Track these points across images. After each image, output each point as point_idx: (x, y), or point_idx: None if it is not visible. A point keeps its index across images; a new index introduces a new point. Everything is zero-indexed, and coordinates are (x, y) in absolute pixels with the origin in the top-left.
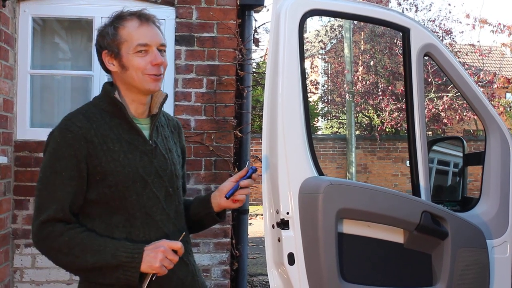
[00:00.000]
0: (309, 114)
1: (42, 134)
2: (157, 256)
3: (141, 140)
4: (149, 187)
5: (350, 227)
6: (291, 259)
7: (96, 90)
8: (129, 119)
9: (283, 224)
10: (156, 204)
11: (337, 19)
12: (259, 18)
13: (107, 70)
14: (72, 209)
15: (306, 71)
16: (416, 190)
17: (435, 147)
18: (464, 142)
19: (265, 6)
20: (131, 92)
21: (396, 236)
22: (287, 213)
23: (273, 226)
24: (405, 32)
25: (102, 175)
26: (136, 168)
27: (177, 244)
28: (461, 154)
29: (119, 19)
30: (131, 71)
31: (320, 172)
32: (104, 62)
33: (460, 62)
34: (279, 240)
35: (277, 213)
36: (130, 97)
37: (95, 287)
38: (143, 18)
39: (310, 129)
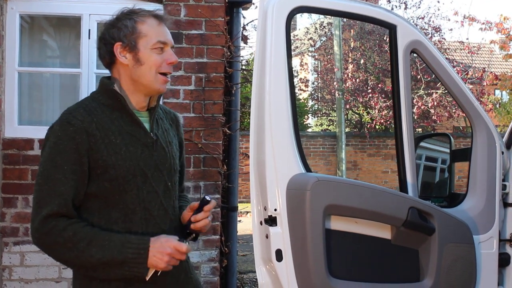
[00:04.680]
0: (296, 111)
1: (30, 132)
2: (163, 259)
3: (142, 133)
4: (148, 181)
5: (338, 223)
6: (279, 255)
7: (84, 88)
8: (130, 111)
9: (271, 221)
10: (154, 199)
11: (327, 16)
12: (248, 15)
13: (108, 64)
14: (74, 203)
15: (296, 68)
16: (403, 186)
17: (422, 144)
18: (451, 138)
19: (254, 3)
20: (135, 86)
21: (383, 232)
22: (275, 210)
23: (261, 223)
24: (391, 29)
25: (103, 169)
26: (137, 161)
27: (183, 247)
28: (448, 151)
29: (135, 14)
30: (145, 67)
31: (307, 168)
32: (115, 54)
33: (447, 59)
34: (267, 237)
35: (265, 210)
36: (132, 88)
37: (91, 282)
38: (160, 18)
39: (297, 126)
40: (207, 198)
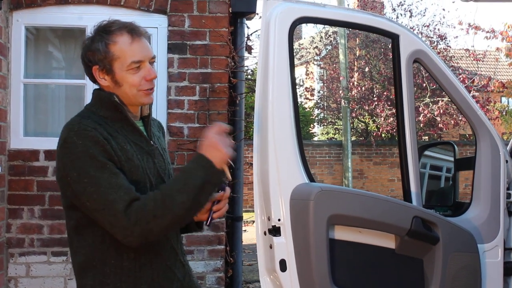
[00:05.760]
0: (299, 120)
1: (35, 143)
2: (222, 151)
3: (144, 141)
4: (153, 189)
5: (342, 233)
6: (283, 265)
7: (89, 99)
8: (131, 121)
9: (275, 231)
10: None
11: None
12: (252, 25)
13: (95, 81)
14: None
15: (302, 77)
16: (407, 196)
17: (426, 152)
18: (455, 147)
19: (257, 14)
20: (123, 100)
21: (387, 241)
22: (279, 220)
23: (264, 233)
24: (394, 39)
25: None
26: (145, 169)
27: (222, 126)
28: (452, 159)
29: (108, 34)
30: (125, 88)
31: (311, 178)
32: (94, 77)
33: (452, 66)
34: (271, 247)
35: (269, 220)
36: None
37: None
38: (134, 33)
39: (300, 136)
40: (223, 184)
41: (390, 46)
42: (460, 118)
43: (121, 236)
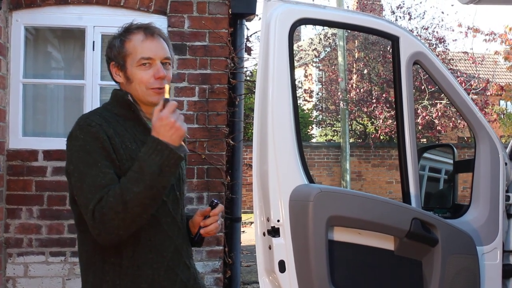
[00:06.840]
0: (299, 122)
1: (34, 143)
2: (176, 126)
3: None
4: None
5: (341, 235)
6: (282, 266)
7: (88, 99)
8: (143, 121)
9: (274, 232)
10: (162, 207)
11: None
12: (251, 27)
13: (114, 79)
14: None
15: (300, 79)
16: (406, 197)
17: (426, 155)
18: (455, 149)
19: (257, 15)
20: (137, 99)
21: (386, 243)
22: (278, 221)
23: (264, 234)
24: (394, 41)
25: (120, 174)
26: None
27: (173, 104)
28: (451, 161)
29: (126, 31)
30: (135, 84)
31: (310, 179)
32: (111, 73)
33: (451, 69)
34: (270, 248)
35: (268, 221)
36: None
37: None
38: (148, 31)
39: (300, 137)
40: (215, 201)
41: (389, 48)
42: (458, 121)
43: (94, 235)
